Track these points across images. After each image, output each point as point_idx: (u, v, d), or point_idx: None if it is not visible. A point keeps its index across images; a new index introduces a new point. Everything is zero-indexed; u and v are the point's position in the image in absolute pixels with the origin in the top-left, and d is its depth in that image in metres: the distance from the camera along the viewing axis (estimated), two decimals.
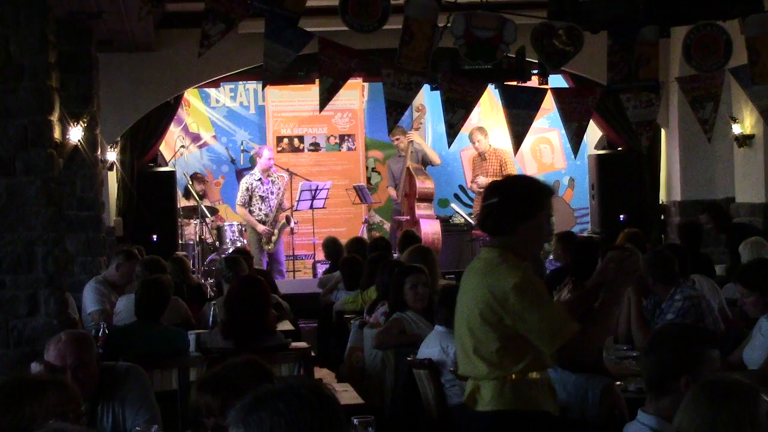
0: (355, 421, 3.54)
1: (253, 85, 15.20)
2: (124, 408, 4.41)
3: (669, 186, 12.84)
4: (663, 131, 12.77)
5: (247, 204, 13.06)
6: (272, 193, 13.15)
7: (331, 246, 10.77)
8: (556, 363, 3.94)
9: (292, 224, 13.29)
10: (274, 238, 13.06)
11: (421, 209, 13.24)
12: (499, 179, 4.06)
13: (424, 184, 13.32)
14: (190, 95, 14.79)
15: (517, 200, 3.91)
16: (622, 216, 12.49)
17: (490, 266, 3.86)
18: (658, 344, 3.31)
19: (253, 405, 2.09)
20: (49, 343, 4.42)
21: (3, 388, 3.37)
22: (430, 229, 13.01)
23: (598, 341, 3.90)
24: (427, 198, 13.34)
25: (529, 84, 8.42)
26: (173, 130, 14.36)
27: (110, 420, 4.41)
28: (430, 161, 13.77)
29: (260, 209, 13.05)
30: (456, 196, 15.31)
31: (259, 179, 13.10)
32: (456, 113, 7.83)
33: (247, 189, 13.07)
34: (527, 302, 3.73)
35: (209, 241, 13.40)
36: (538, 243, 4.02)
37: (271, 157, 13.32)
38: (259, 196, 13.06)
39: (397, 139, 13.68)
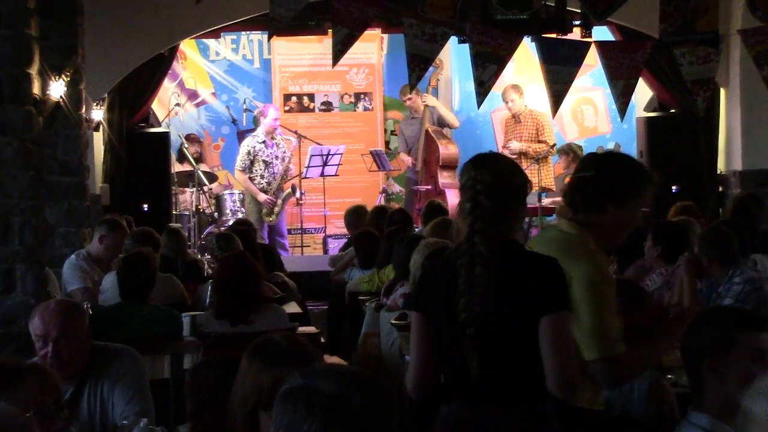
0: None
1: (257, 36, 15.19)
2: (113, 394, 4.44)
3: (728, 153, 12.78)
4: (722, 91, 12.69)
5: (248, 169, 13.08)
6: (277, 157, 13.17)
7: (353, 216, 10.64)
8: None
9: (297, 194, 13.29)
10: (276, 209, 13.09)
11: (444, 177, 13.22)
12: (599, 152, 4.20)
13: (447, 150, 13.29)
14: (187, 47, 14.79)
15: (614, 178, 3.97)
16: (674, 187, 12.44)
17: (568, 243, 3.91)
18: (690, 331, 3.42)
19: (278, 397, 2.23)
20: (35, 311, 4.47)
21: None
22: (456, 200, 12.98)
23: (633, 373, 4.01)
24: (451, 164, 13.32)
25: (570, 36, 8.39)
26: (167, 86, 14.36)
27: (97, 406, 4.44)
28: (448, 124, 13.73)
29: (262, 176, 13.07)
30: None
31: (263, 142, 13.11)
32: (487, 69, 7.82)
33: (249, 153, 13.09)
34: (590, 298, 3.76)
35: (207, 211, 13.43)
36: (624, 231, 4.06)
37: (276, 118, 13.32)
38: (262, 161, 13.08)
39: (409, 99, 13.65)
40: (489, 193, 3.65)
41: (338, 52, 7.42)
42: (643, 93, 13.34)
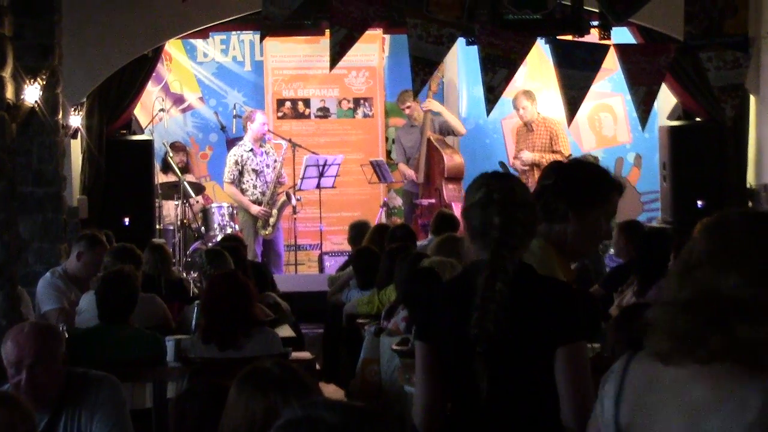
0: None
1: (249, 36, 15.20)
2: (91, 425, 4.43)
3: (758, 165, 12.78)
4: (752, 98, 12.70)
5: (238, 181, 13.08)
6: (267, 165, 13.17)
7: (356, 231, 10.59)
8: None
9: (293, 201, 13.27)
10: (272, 219, 13.08)
11: (450, 190, 13.22)
12: (560, 159, 4.28)
13: (453, 160, 13.29)
14: (173, 48, 14.79)
15: (575, 184, 4.08)
16: (699, 202, 12.44)
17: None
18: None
19: (276, 428, 2.20)
20: (8, 334, 4.45)
21: None
22: None
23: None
24: (457, 176, 13.33)
25: (587, 39, 8.39)
26: (151, 90, 14.37)
27: None
28: (454, 131, 13.71)
29: (255, 186, 13.07)
30: None
31: (251, 150, 13.11)
32: (497, 74, 7.81)
33: (237, 162, 13.08)
34: None
35: (193, 225, 13.43)
36: (591, 241, 4.18)
37: (265, 122, 13.34)
38: (252, 169, 13.07)
39: (408, 107, 13.65)
40: (522, 207, 3.67)
41: (336, 54, 7.42)
42: (666, 100, 13.34)
